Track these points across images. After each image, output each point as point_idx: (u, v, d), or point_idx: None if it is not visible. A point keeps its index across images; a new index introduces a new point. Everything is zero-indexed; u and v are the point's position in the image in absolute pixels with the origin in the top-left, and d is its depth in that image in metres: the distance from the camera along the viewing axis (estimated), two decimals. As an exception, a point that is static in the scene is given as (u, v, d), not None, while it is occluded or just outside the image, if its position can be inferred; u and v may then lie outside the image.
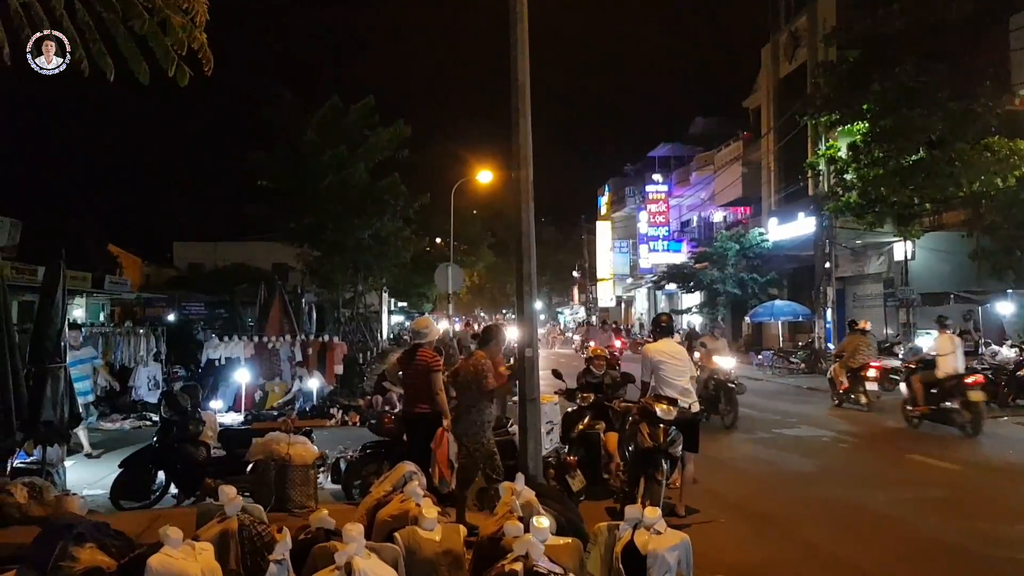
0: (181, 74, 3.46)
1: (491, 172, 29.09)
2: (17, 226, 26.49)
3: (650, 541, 4.67)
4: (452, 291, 25.08)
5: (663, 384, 8.05)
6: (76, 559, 5.20)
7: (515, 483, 5.40)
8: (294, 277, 33.28)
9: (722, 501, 8.77)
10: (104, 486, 9.30)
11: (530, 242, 7.58)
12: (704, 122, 48.49)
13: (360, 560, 4.08)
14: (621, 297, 59.89)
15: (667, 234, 45.48)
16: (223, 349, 17.35)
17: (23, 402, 8.25)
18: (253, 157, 26.59)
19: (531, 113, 7.85)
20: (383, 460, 8.55)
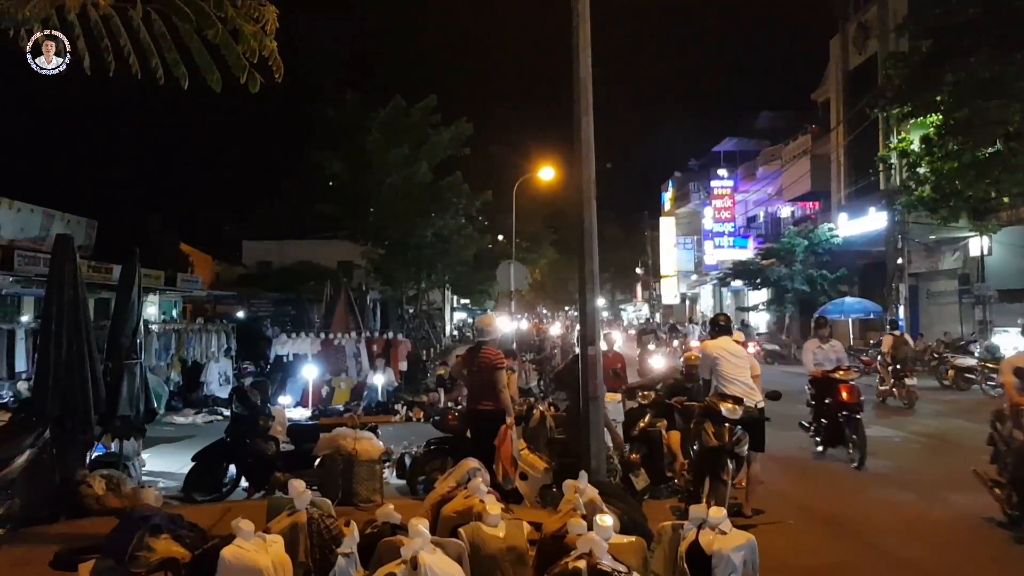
0: (252, 81, 3.55)
1: (553, 169, 29.05)
2: (93, 226, 27.44)
3: (715, 541, 4.62)
4: (515, 288, 25.11)
5: (724, 381, 7.98)
6: (152, 550, 5.38)
7: (578, 481, 5.40)
8: (359, 275, 33.80)
9: (790, 502, 8.63)
10: (178, 479, 9.59)
11: (592, 240, 7.56)
12: (770, 116, 47.61)
13: (426, 555, 4.13)
14: (685, 294, 59.26)
15: (733, 230, 44.81)
16: (291, 346, 17.73)
17: (101, 397, 8.55)
18: (318, 157, 27.07)
19: (593, 110, 7.83)
20: (447, 456, 8.64)
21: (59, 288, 8.33)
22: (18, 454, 7.01)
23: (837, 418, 10.80)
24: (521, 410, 9.40)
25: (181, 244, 38.79)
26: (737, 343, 8.53)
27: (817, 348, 11.70)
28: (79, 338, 8.24)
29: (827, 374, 11.22)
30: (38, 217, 24.30)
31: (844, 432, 10.68)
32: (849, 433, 10.60)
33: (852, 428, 10.59)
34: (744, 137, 49.18)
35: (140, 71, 3.55)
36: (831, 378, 11.11)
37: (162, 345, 18.72)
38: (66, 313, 8.23)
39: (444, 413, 10.24)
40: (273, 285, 40.27)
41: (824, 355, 11.56)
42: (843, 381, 11.00)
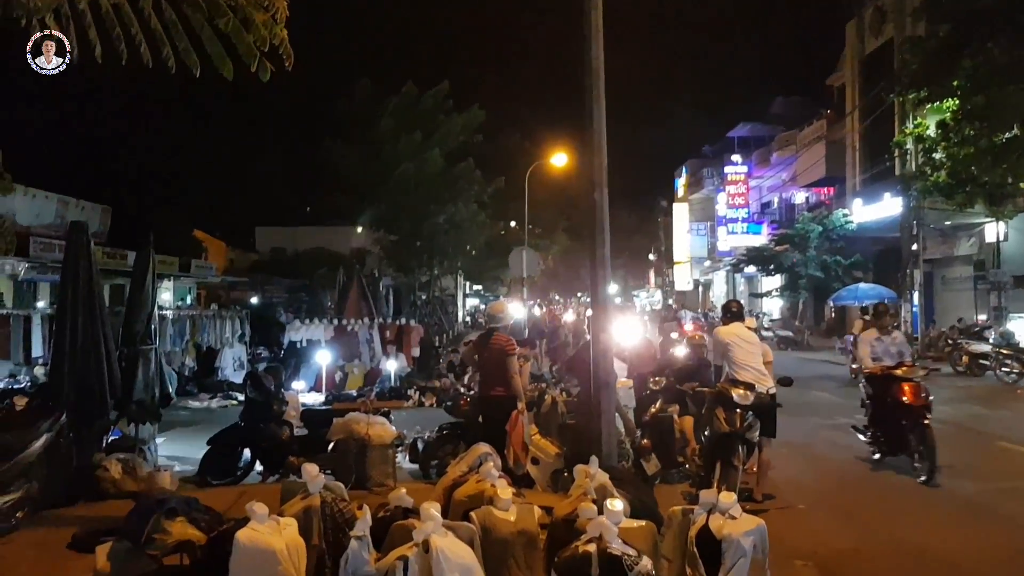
0: (263, 69, 3.57)
1: (565, 155, 28.98)
2: (107, 212, 27.62)
3: (725, 526, 4.64)
4: (527, 275, 25.14)
5: (736, 367, 8.00)
6: (168, 532, 5.45)
7: (589, 466, 5.43)
8: (371, 261, 33.90)
9: (801, 488, 8.64)
10: (192, 463, 9.68)
11: (604, 227, 7.56)
12: (785, 101, 47.29)
13: (437, 538, 4.17)
14: (699, 280, 59.11)
15: (746, 216, 44.62)
16: (304, 332, 17.85)
17: (117, 382, 8.66)
18: (329, 145, 27.11)
19: (605, 95, 7.81)
20: (459, 441, 8.70)
21: (74, 274, 8.42)
22: (36, 438, 7.10)
23: (899, 423, 9.21)
24: (533, 396, 9.44)
25: (195, 231, 38.97)
26: (750, 329, 8.52)
27: (876, 340, 10.01)
28: (94, 324, 8.34)
29: (887, 371, 9.62)
30: (53, 204, 24.50)
31: (908, 439, 9.12)
32: (915, 441, 9.01)
33: (918, 435, 8.96)
34: (758, 122, 48.87)
35: (152, 60, 3.57)
36: (892, 375, 9.52)
37: (177, 331, 18.84)
38: (81, 299, 8.32)
39: (456, 399, 10.30)
40: (286, 272, 40.47)
41: (884, 348, 9.92)
42: (906, 379, 9.39)
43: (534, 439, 8.12)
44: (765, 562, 4.67)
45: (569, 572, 4.17)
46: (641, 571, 4.09)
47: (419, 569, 4.09)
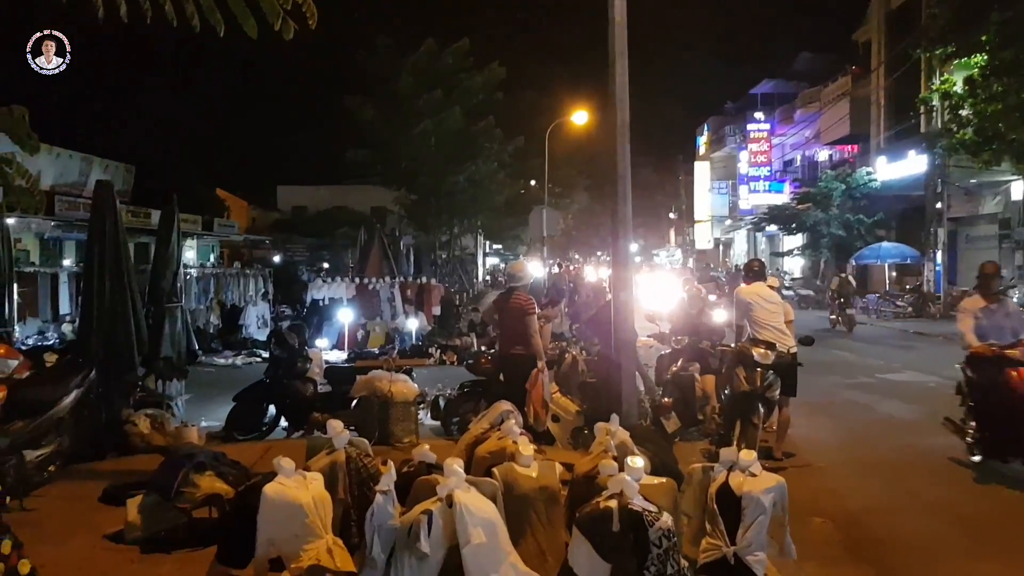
0: (286, 28, 3.56)
1: (586, 113, 28.72)
2: (131, 171, 27.74)
3: (745, 483, 4.67)
4: (547, 234, 25.08)
5: (757, 327, 7.99)
6: (197, 486, 5.59)
7: (610, 423, 5.48)
8: (392, 220, 33.93)
9: (821, 446, 8.68)
10: (218, 418, 9.85)
11: (626, 185, 7.53)
12: (809, 57, 46.44)
13: (461, 493, 4.24)
14: (719, 239, 58.75)
15: (768, 174, 44.15)
16: (326, 290, 17.98)
17: (144, 339, 8.79)
18: (350, 103, 26.98)
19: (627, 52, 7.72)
20: (480, 399, 8.78)
21: (100, 233, 8.50)
22: (66, 394, 7.23)
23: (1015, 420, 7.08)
24: (554, 354, 9.49)
25: (217, 189, 39.12)
26: (772, 288, 8.49)
27: (982, 311, 7.80)
28: (121, 282, 8.44)
29: (1000, 352, 7.39)
30: (77, 162, 24.63)
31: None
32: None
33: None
34: (782, 79, 48.13)
35: (176, 18, 3.57)
36: (1005, 357, 7.30)
37: (201, 289, 19.04)
38: (108, 258, 8.42)
39: (477, 357, 10.36)
40: (307, 230, 40.61)
41: (994, 321, 7.72)
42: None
43: (554, 397, 8.18)
44: (785, 519, 4.71)
45: (590, 527, 4.22)
46: (662, 527, 4.14)
47: (443, 523, 4.17)
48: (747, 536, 4.56)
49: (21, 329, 14.95)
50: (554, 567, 4.58)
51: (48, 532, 5.54)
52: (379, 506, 4.22)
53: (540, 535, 4.77)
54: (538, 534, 4.77)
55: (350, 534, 4.84)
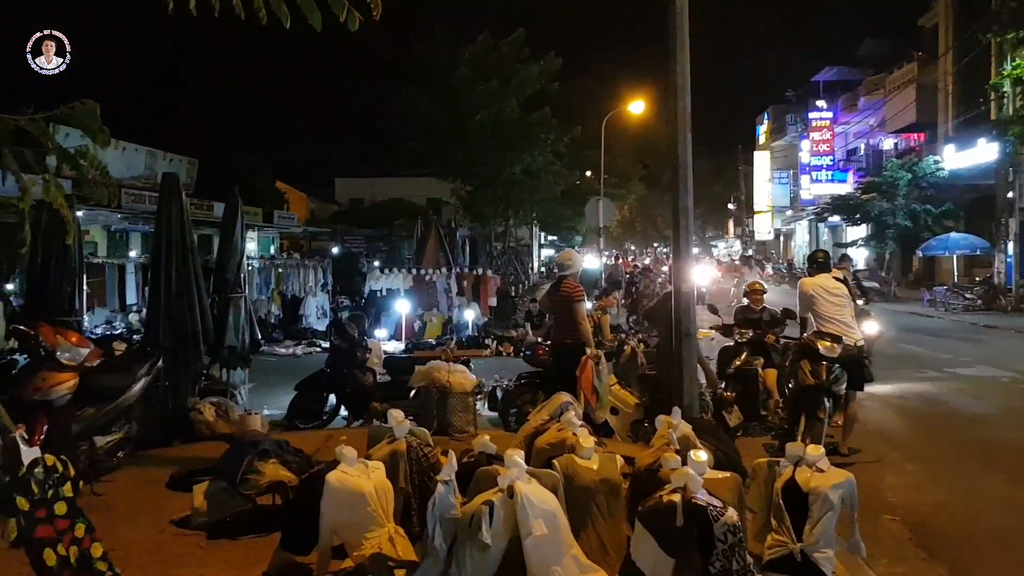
0: (351, 19, 3.55)
1: (643, 102, 28.40)
2: (194, 164, 28.32)
3: (812, 479, 4.57)
4: (603, 225, 24.89)
5: (822, 320, 7.81)
6: (261, 473, 5.67)
7: (671, 416, 5.40)
8: (448, 211, 34.06)
9: (889, 442, 8.47)
10: (279, 407, 10.00)
11: (687, 175, 7.40)
12: (874, 43, 45.22)
13: (522, 484, 4.21)
14: (780, 230, 57.76)
15: (831, 163, 43.26)
16: (384, 281, 18.12)
17: (209, 328, 8.95)
18: (405, 94, 27.11)
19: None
20: (538, 390, 8.75)
21: (167, 225, 8.68)
22: (135, 382, 7.40)
23: None
24: (612, 346, 9.42)
25: (277, 182, 39.75)
26: (836, 280, 8.28)
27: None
28: (187, 272, 8.61)
29: None
30: (142, 156, 25.21)
31: None
32: None
33: None
34: (845, 66, 47.00)
35: (244, 11, 3.59)
36: None
37: (262, 280, 19.37)
38: (174, 248, 8.59)
39: (534, 348, 10.35)
40: (365, 221, 41.00)
41: None
42: None
43: (613, 389, 8.12)
44: (854, 516, 4.61)
45: (653, 521, 4.16)
46: (727, 522, 4.06)
47: (504, 514, 4.14)
48: (814, 533, 4.46)
49: (90, 319, 15.40)
50: (616, 561, 4.53)
51: (117, 516, 5.67)
52: (440, 496, 4.21)
53: (601, 528, 4.73)
54: (599, 527, 4.72)
55: (411, 523, 4.86)
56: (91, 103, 4.44)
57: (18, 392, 6.52)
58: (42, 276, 8.66)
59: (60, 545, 3.96)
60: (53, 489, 4.02)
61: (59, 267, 8.54)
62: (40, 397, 6.49)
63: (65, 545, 3.97)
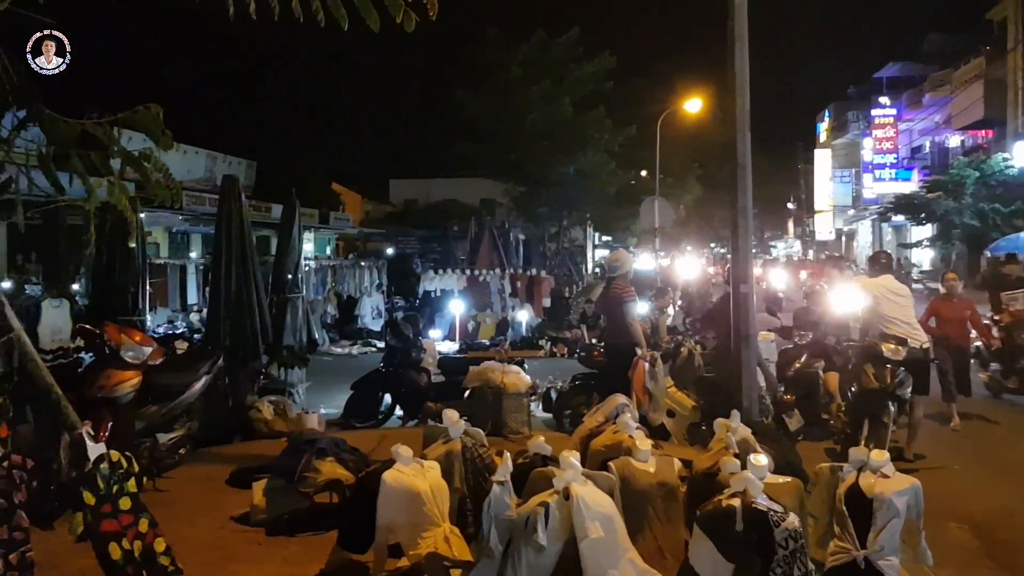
0: (408, 20, 3.56)
1: (700, 100, 28.04)
2: (252, 166, 28.87)
3: (876, 484, 4.45)
4: (658, 225, 24.63)
5: (885, 322, 7.60)
6: (319, 471, 5.73)
7: (730, 420, 5.30)
8: (501, 212, 34.08)
9: (956, 448, 8.21)
10: (336, 406, 10.10)
11: (746, 174, 7.30)
12: (939, 38, 43.97)
13: (578, 486, 4.18)
14: (841, 230, 56.56)
15: (895, 161, 42.23)
16: (438, 281, 18.22)
17: (267, 328, 9.10)
18: (458, 95, 27.20)
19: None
20: (592, 391, 8.71)
21: (227, 226, 8.85)
22: (196, 380, 7.55)
23: None
24: (668, 347, 9.31)
25: (333, 183, 40.23)
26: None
27: None
28: (246, 273, 8.76)
29: None
30: (203, 159, 25.79)
31: None
32: None
33: None
34: (909, 61, 45.80)
35: (302, 15, 3.63)
36: None
37: (319, 280, 19.63)
38: (234, 249, 8.75)
39: (589, 349, 10.28)
40: (419, 222, 41.30)
41: None
42: None
43: (670, 392, 8.02)
44: (919, 523, 4.47)
45: (712, 526, 4.09)
46: (788, 527, 3.97)
47: (560, 516, 4.11)
48: (878, 540, 4.34)
49: (152, 318, 15.77)
50: (673, 566, 4.46)
51: (179, 512, 5.78)
52: (496, 496, 4.20)
53: (658, 532, 4.67)
54: (656, 531, 4.66)
55: (466, 523, 4.86)
56: (154, 107, 4.54)
57: (84, 390, 6.70)
58: (107, 277, 8.90)
59: (124, 539, 4.04)
60: (118, 484, 4.11)
61: (123, 268, 8.77)
62: (105, 395, 6.67)
63: (129, 539, 4.06)
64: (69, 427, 4.23)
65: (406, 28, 3.61)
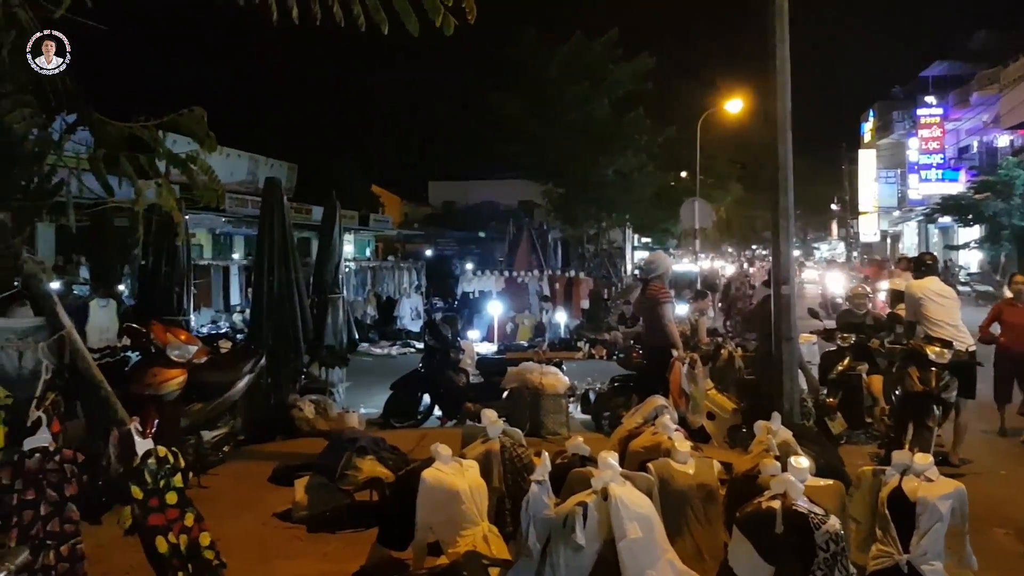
0: (447, 23, 3.60)
1: (741, 100, 27.78)
2: (293, 169, 29.21)
3: (920, 488, 4.38)
4: (699, 226, 24.45)
5: (930, 324, 7.47)
6: (359, 469, 5.80)
7: (771, 422, 5.26)
8: (539, 214, 34.06)
9: (1003, 453, 8.04)
10: (376, 405, 10.19)
11: (787, 175, 7.23)
12: (986, 35, 43.05)
13: (616, 487, 4.18)
14: (886, 232, 55.61)
15: (941, 162, 41.45)
16: (477, 283, 18.32)
17: (309, 328, 9.22)
18: (496, 97, 27.25)
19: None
20: (631, 393, 8.68)
21: (270, 228, 8.98)
22: (239, 379, 7.66)
23: None
24: (708, 349, 9.25)
25: (372, 185, 40.54)
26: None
27: None
28: (288, 274, 8.88)
29: None
30: (245, 162, 26.13)
31: None
32: None
33: None
34: (956, 60, 44.88)
35: (344, 19, 3.69)
36: None
37: (359, 281, 19.81)
38: (277, 250, 8.88)
39: (628, 351, 10.26)
40: (457, 224, 41.46)
41: None
42: None
43: (710, 394, 7.98)
44: (964, 528, 4.40)
45: (751, 528, 4.07)
46: (829, 530, 3.93)
47: (598, 516, 4.12)
48: (922, 544, 4.28)
49: (196, 318, 16.04)
50: (712, 567, 4.44)
51: (222, 508, 5.87)
52: (534, 496, 4.22)
53: (697, 533, 4.65)
54: (695, 532, 4.64)
55: (504, 522, 4.89)
56: (199, 110, 4.64)
57: (131, 387, 6.83)
58: (153, 277, 9.07)
59: (171, 533, 4.13)
60: (165, 479, 4.20)
61: (169, 269, 8.94)
62: (151, 392, 6.79)
63: (175, 533, 4.15)
64: (118, 423, 4.33)
65: (445, 31, 3.65)
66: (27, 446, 3.90)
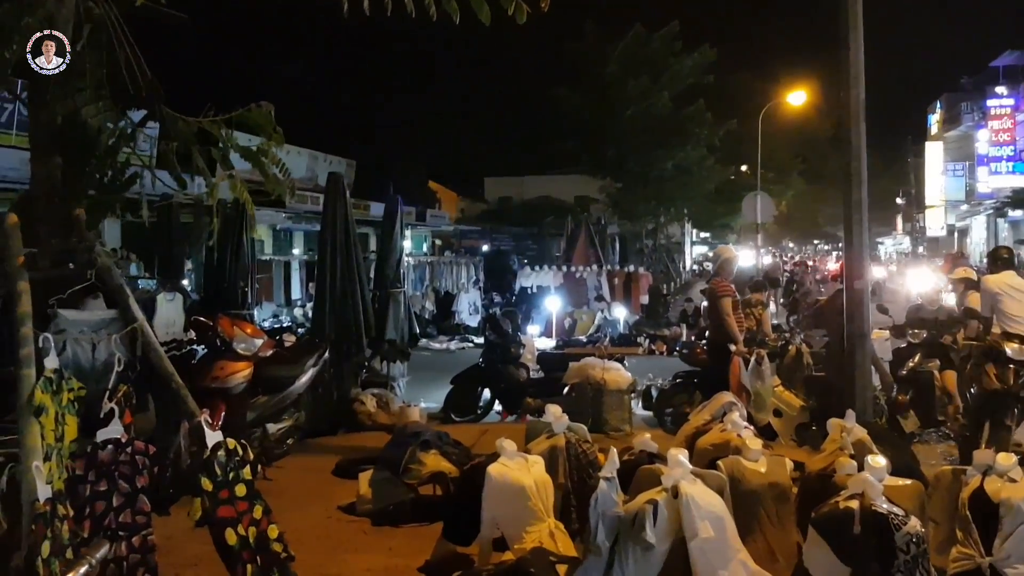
0: (519, 12, 3.56)
1: (804, 93, 27.19)
2: (352, 165, 29.52)
3: (1003, 489, 4.21)
4: (760, 221, 24.04)
5: (1007, 320, 7.19)
6: (423, 463, 5.80)
7: (845, 420, 5.10)
8: (596, 209, 33.89)
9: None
10: (436, 400, 10.22)
11: (860, 166, 7.03)
12: (1062, 22, 41.57)
13: (686, 485, 4.09)
14: (953, 226, 54.05)
15: (1012, 154, 40.13)
16: (535, 278, 18.31)
17: (371, 322, 9.28)
18: (557, 92, 27.16)
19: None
20: (694, 390, 8.58)
21: (332, 223, 9.06)
22: (303, 373, 7.73)
23: None
24: (775, 345, 9.06)
25: (429, 182, 40.79)
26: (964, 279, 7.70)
27: None
28: (351, 269, 8.95)
29: None
30: (304, 159, 26.46)
31: None
32: None
33: None
34: (1028, 50, 43.43)
35: (415, 10, 3.66)
36: None
37: (417, 276, 19.95)
38: (339, 246, 8.95)
39: (692, 347, 10.11)
40: (514, 219, 41.50)
41: None
42: None
43: (777, 391, 7.83)
44: (1050, 531, 4.20)
45: (828, 528, 3.95)
46: (910, 532, 3.80)
47: (668, 514, 4.04)
48: (1005, 547, 4.12)
49: (258, 312, 16.31)
50: (785, 568, 4.33)
51: (287, 501, 5.91)
52: (603, 493, 4.15)
53: (769, 534, 4.53)
54: (767, 533, 4.53)
55: (570, 519, 4.82)
56: (266, 105, 4.67)
57: (198, 380, 6.93)
58: (218, 272, 9.22)
59: (240, 525, 4.16)
60: (234, 472, 4.23)
61: (234, 264, 9.09)
62: (218, 385, 6.90)
63: (244, 525, 4.17)
64: (188, 415, 4.38)
65: (518, 20, 3.60)
66: (100, 437, 3.95)
